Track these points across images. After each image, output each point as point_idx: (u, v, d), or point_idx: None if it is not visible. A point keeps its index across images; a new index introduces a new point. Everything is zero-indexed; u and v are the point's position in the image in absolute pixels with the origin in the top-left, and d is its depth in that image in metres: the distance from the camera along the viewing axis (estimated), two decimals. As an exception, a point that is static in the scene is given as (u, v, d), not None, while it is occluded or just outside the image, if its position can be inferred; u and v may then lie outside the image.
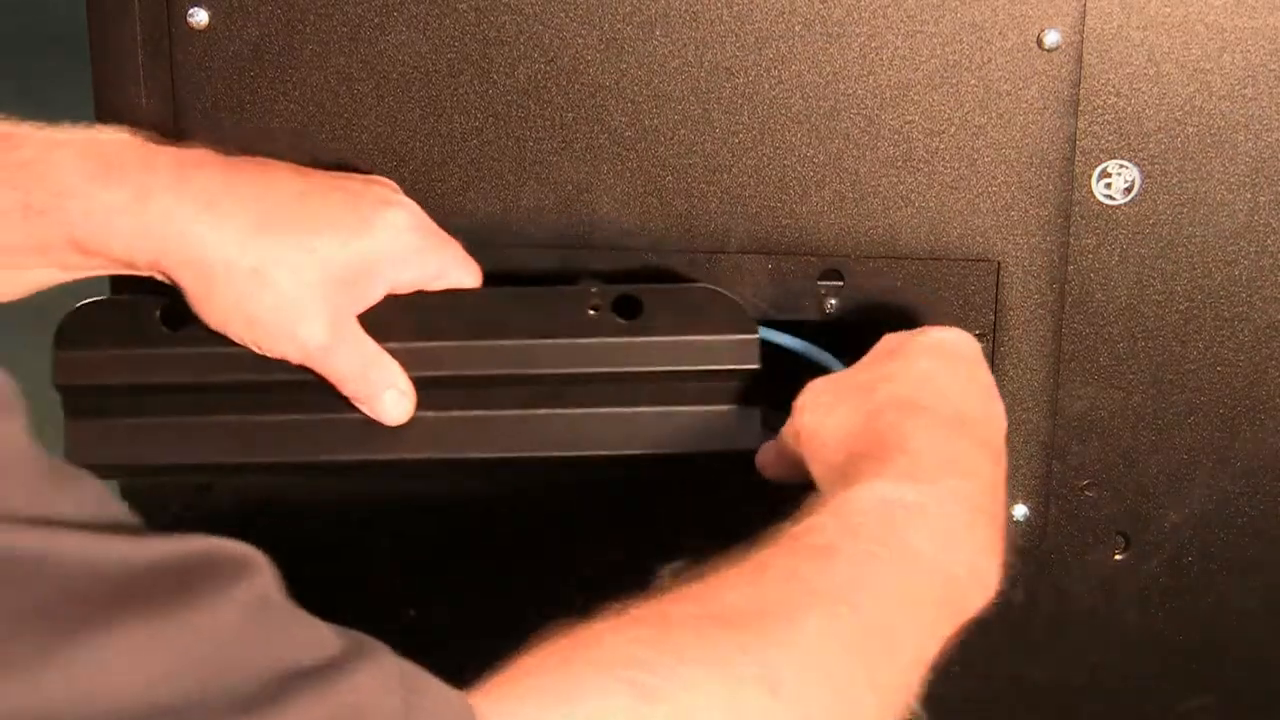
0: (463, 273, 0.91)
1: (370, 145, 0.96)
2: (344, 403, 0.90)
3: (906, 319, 0.97)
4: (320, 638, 0.55)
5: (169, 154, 0.87)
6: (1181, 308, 0.96)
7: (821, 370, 0.93)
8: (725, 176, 0.96)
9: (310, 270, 0.86)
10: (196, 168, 0.86)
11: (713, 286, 0.93)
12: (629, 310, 0.92)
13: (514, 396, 0.92)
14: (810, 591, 0.68)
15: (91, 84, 0.97)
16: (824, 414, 0.83)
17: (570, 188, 0.96)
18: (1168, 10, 0.92)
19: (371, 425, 0.90)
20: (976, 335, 0.96)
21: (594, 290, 0.92)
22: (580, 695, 0.60)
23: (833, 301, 0.97)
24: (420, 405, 0.90)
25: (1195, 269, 0.95)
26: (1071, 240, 0.95)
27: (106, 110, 0.97)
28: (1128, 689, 1.03)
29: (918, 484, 0.75)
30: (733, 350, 0.91)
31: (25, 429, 0.51)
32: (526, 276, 0.95)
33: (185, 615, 0.51)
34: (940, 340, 0.86)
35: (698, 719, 0.61)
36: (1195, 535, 1.00)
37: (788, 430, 0.86)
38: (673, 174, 0.96)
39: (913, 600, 0.71)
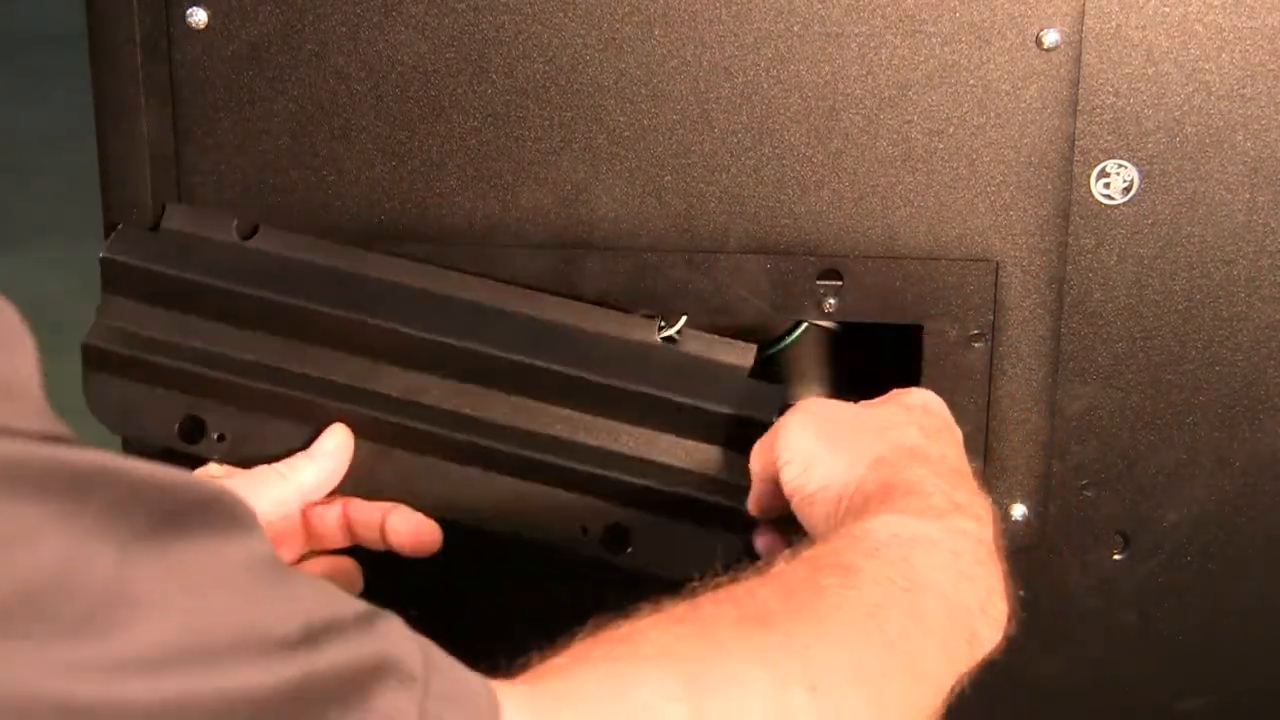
0: None
1: (369, 145, 0.96)
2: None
3: (906, 319, 0.97)
4: (344, 597, 0.56)
5: None
6: (1180, 307, 0.96)
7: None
8: (724, 176, 0.96)
9: None
10: None
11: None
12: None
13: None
14: (839, 604, 0.69)
15: (91, 83, 0.97)
16: (818, 459, 0.83)
17: (569, 187, 0.96)
18: (1166, 10, 0.92)
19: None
20: (975, 335, 0.96)
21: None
22: (633, 684, 0.61)
23: (832, 301, 0.97)
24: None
25: (1194, 269, 0.95)
26: (1070, 240, 0.95)
27: (106, 109, 0.97)
28: (1127, 688, 1.03)
29: (929, 521, 0.77)
30: None
31: None
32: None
33: (220, 549, 0.52)
34: (926, 400, 0.89)
35: (746, 711, 0.62)
36: (1194, 535, 1.00)
37: (763, 464, 0.87)
38: (672, 174, 0.96)
39: (932, 626, 0.72)
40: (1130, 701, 1.04)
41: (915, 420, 0.86)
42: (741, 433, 0.91)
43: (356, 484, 0.94)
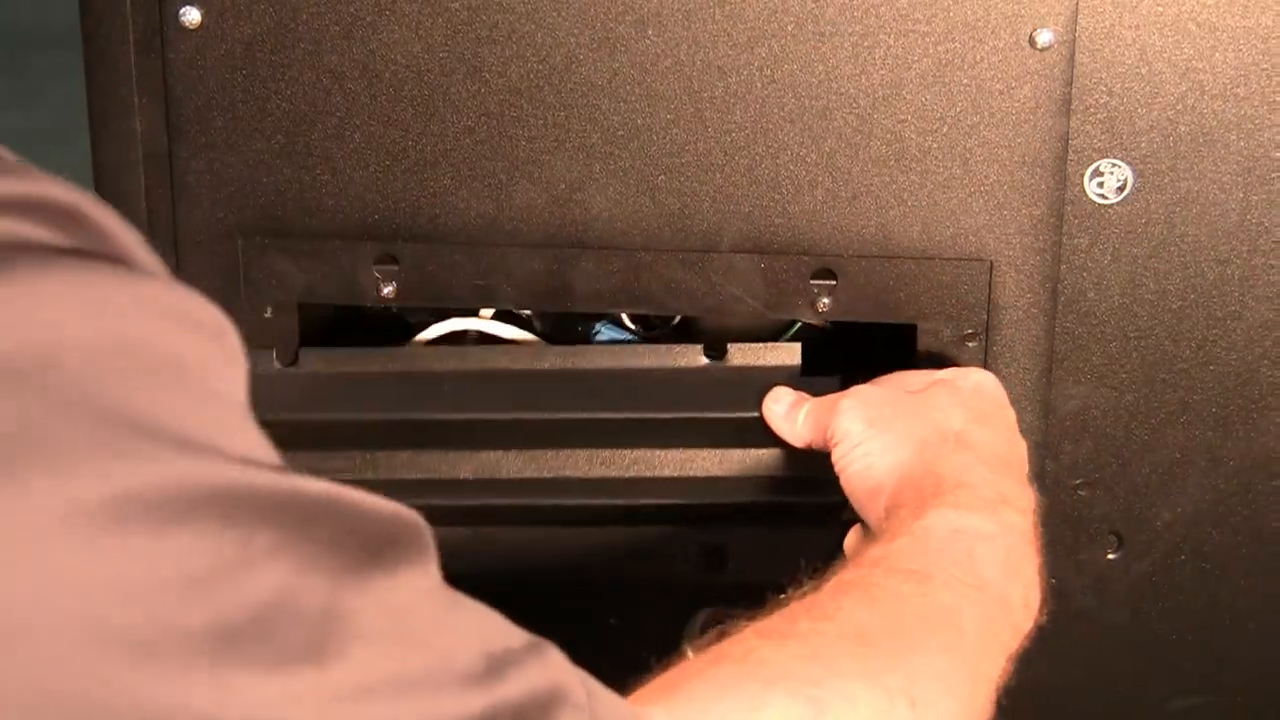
0: None
1: (362, 144, 0.96)
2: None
3: (900, 318, 0.97)
4: (509, 624, 0.57)
5: None
6: (1174, 306, 0.96)
7: None
8: (718, 175, 0.95)
9: None
10: None
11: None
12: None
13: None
14: (921, 612, 0.73)
15: (85, 82, 0.97)
16: (865, 439, 0.87)
17: (563, 187, 0.96)
18: (1160, 9, 0.92)
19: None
20: (969, 334, 0.96)
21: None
22: (761, 705, 0.64)
23: (825, 301, 0.97)
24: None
25: (1188, 268, 0.95)
26: (1064, 239, 0.95)
27: (100, 108, 0.97)
28: (1120, 688, 1.03)
29: (982, 514, 0.81)
30: None
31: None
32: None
33: (415, 579, 0.53)
34: (979, 382, 0.92)
35: None
36: (1188, 534, 1.00)
37: (815, 436, 0.91)
38: (665, 173, 0.96)
39: (992, 626, 0.76)
40: (1124, 700, 1.04)
41: (963, 403, 0.89)
42: None
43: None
